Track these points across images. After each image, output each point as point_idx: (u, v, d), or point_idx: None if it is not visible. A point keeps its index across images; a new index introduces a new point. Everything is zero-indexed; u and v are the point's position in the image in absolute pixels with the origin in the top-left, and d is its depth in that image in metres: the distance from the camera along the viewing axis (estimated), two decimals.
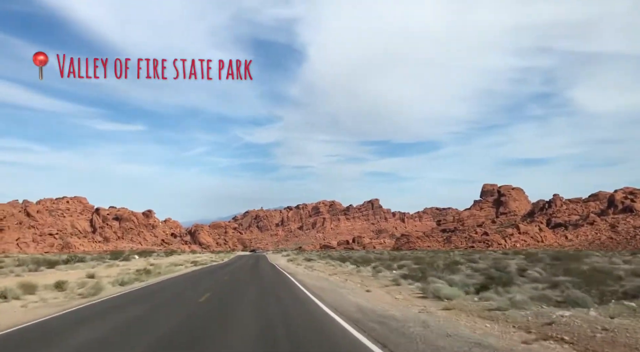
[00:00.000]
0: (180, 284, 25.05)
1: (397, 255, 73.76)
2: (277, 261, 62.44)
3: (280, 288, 20.07)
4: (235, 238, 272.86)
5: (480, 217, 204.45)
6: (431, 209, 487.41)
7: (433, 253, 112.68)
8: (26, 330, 11.48)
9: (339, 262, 53.69)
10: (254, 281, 26.36)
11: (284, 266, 46.05)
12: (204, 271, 39.39)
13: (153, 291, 21.13)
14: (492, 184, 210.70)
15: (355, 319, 11.84)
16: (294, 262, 56.17)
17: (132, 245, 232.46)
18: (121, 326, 11.77)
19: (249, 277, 30.38)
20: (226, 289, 20.34)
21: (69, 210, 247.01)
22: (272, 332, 10.31)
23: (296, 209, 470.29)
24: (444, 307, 13.52)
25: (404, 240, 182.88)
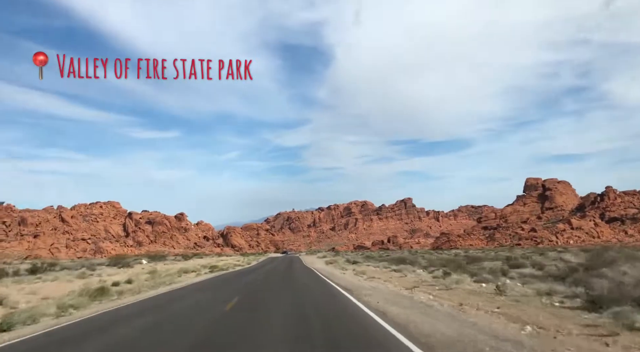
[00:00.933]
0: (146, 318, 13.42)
1: (450, 257, 62.62)
2: (314, 265, 52.35)
3: (350, 336, 9.68)
4: (267, 240, 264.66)
5: (524, 213, 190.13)
6: (466, 206, 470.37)
7: (483, 252, 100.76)
8: None
9: (386, 263, 43.36)
10: (287, 302, 16.20)
11: (326, 272, 35.63)
12: (216, 281, 29.61)
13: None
14: (535, 178, 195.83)
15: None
16: (336, 266, 46.11)
17: (164, 249, 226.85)
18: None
19: (278, 295, 19.09)
20: (231, 329, 10.65)
21: (102, 215, 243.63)
22: None
23: (328, 210, 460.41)
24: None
25: (443, 239, 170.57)
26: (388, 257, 62.37)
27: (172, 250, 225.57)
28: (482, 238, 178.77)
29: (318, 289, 21.86)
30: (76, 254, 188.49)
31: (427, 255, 74.90)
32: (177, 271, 36.43)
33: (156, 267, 45.28)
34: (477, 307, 12.44)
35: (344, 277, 29.76)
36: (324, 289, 22.09)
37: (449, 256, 55.20)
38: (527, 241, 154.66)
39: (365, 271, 35.42)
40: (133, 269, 41.88)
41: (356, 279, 26.94)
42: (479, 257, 53.13)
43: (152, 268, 41.48)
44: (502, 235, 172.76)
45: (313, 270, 41.07)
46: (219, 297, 19.21)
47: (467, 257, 51.94)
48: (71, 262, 61.90)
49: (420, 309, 13.03)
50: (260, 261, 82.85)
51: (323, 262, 59.20)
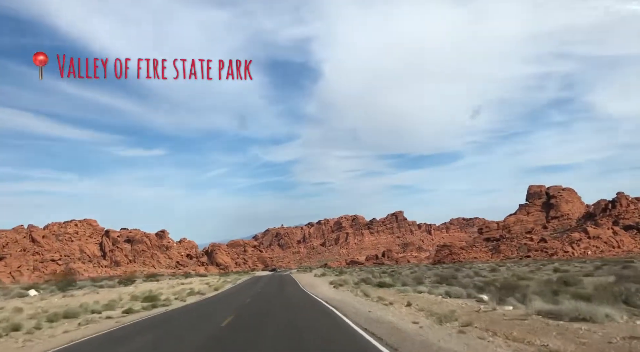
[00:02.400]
0: None
1: (492, 277, 46.77)
2: (315, 289, 36.36)
3: None
4: (255, 257, 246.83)
5: (528, 223, 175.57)
6: (458, 219, 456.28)
7: (495, 265, 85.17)
8: None
9: (422, 285, 27.39)
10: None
11: (348, 308, 19.38)
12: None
13: None
14: (539, 185, 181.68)
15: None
16: (353, 292, 29.73)
17: (144, 269, 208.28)
18: None
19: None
20: None
21: (77, 234, 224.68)
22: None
23: (318, 225, 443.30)
24: None
25: (445, 251, 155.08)
26: (413, 274, 45.75)
27: (152, 270, 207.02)
28: (485, 250, 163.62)
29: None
30: (43, 277, 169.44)
31: (444, 270, 59.03)
32: (61, 312, 20.01)
33: (53, 299, 28.67)
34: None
35: (395, 320, 13.79)
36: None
37: (494, 277, 39.19)
38: (537, 253, 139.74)
39: (393, 301, 19.64)
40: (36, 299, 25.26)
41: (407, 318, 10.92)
42: (522, 275, 37.61)
43: (44, 303, 24.93)
44: (508, 247, 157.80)
45: (320, 301, 25.02)
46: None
47: (516, 276, 36.30)
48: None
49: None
50: (238, 283, 65.14)
51: (326, 284, 42.52)
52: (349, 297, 26.32)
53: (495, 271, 52.08)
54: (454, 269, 62.81)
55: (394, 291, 26.83)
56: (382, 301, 21.36)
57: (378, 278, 41.44)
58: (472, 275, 39.32)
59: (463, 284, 27.12)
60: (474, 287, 23.40)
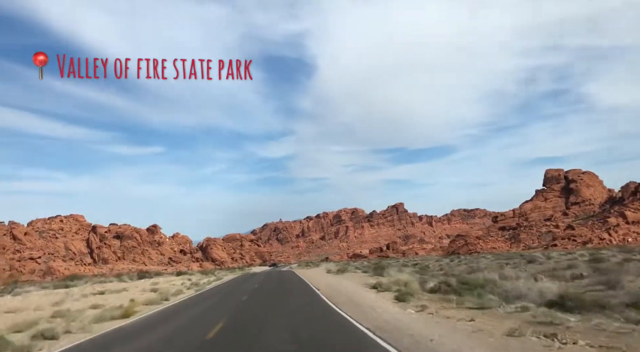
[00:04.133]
0: None
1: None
2: (336, 298, 20.47)
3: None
4: (252, 252, 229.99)
5: (546, 210, 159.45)
6: (458, 210, 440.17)
7: (545, 257, 68.88)
8: None
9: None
10: None
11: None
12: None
13: None
14: (556, 169, 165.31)
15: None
16: (434, 316, 13.09)
17: (133, 266, 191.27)
18: None
19: None
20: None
21: (63, 230, 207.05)
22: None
23: (317, 219, 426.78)
24: None
25: (460, 242, 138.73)
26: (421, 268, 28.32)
27: (143, 267, 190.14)
28: (502, 240, 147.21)
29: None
30: (20, 276, 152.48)
31: (488, 263, 42.64)
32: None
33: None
34: None
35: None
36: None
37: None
38: (564, 241, 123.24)
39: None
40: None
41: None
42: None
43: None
44: (528, 235, 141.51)
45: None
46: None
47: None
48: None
49: None
50: (224, 281, 48.09)
51: (346, 281, 25.64)
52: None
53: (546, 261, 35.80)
54: (477, 260, 46.31)
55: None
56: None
57: (437, 277, 24.42)
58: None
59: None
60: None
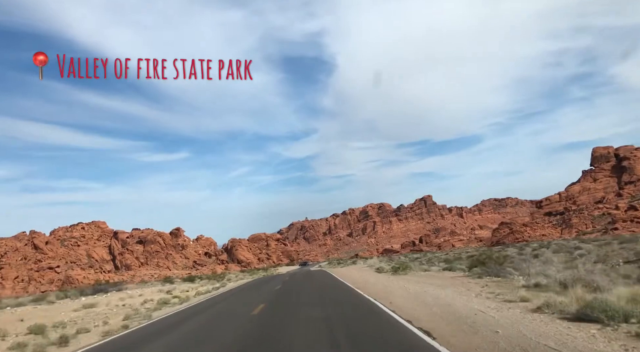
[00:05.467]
0: None
1: None
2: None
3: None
4: (279, 251, 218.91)
5: (597, 191, 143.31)
6: (489, 200, 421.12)
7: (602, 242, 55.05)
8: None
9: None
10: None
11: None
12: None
13: None
14: (605, 147, 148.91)
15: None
16: None
17: (157, 271, 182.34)
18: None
19: None
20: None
21: (84, 237, 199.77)
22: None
23: (343, 215, 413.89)
24: None
25: (504, 230, 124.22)
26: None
27: (167, 272, 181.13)
28: (552, 226, 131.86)
29: None
30: (39, 287, 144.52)
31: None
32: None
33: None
34: None
35: None
36: None
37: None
38: (625, 224, 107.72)
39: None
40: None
41: None
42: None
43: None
44: (580, 220, 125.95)
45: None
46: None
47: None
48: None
49: None
50: (212, 295, 33.41)
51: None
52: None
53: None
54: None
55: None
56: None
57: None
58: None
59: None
60: None
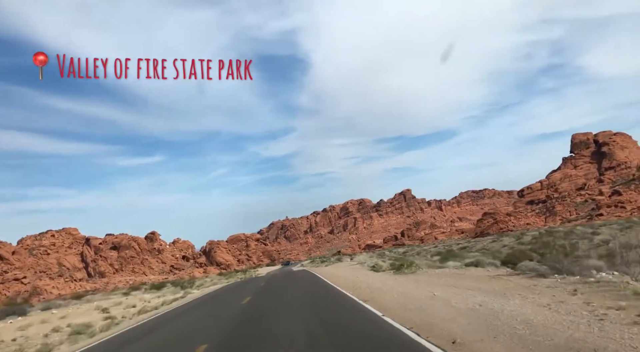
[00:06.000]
0: None
1: None
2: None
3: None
4: (259, 251, 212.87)
5: (578, 178, 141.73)
6: (467, 192, 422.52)
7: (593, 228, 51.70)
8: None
9: None
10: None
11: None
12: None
13: None
14: (584, 133, 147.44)
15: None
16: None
17: (132, 278, 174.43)
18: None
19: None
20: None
21: (55, 245, 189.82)
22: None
23: (324, 213, 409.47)
24: None
25: (488, 220, 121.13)
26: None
27: (143, 278, 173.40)
28: (535, 214, 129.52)
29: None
30: (2, 300, 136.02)
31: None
32: None
33: None
34: None
35: None
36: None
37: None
38: (610, 209, 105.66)
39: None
40: None
41: None
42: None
43: None
44: (564, 207, 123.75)
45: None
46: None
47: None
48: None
49: None
50: (191, 300, 28.68)
51: None
52: None
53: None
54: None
55: None
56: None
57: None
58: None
59: None
60: None
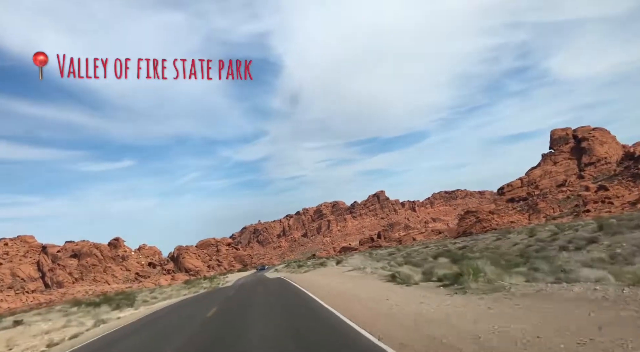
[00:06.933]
0: None
1: None
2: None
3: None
4: (230, 256, 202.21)
5: (558, 174, 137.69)
6: (440, 193, 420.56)
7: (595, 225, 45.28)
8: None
9: None
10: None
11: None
12: None
13: None
14: (563, 129, 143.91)
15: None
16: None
17: (92, 287, 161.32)
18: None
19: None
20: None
21: (8, 254, 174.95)
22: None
23: (297, 216, 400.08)
24: None
25: (470, 219, 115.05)
26: None
27: (105, 288, 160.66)
28: (514, 213, 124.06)
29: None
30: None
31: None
32: None
33: None
34: None
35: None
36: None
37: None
38: (597, 205, 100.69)
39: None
40: None
41: None
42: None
43: None
44: (548, 204, 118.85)
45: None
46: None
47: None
48: None
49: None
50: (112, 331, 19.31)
51: None
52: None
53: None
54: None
55: None
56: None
57: None
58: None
59: None
60: None
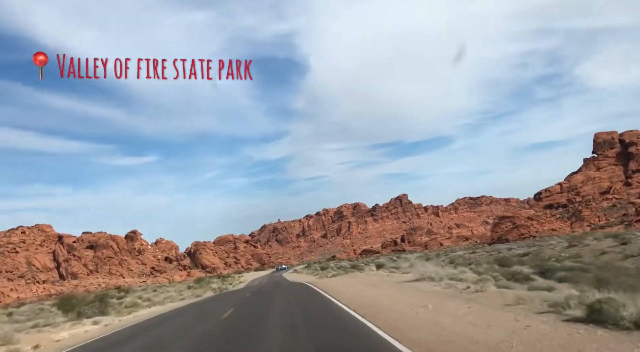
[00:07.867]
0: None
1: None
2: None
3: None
4: (248, 254, 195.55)
5: (602, 181, 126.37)
6: (464, 199, 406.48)
7: None
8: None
9: None
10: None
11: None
12: None
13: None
14: (609, 132, 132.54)
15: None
16: None
17: (107, 280, 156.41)
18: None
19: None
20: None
21: (25, 243, 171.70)
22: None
23: (317, 216, 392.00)
24: None
25: (507, 225, 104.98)
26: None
27: (119, 281, 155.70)
28: (553, 220, 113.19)
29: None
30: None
31: None
32: None
33: None
34: None
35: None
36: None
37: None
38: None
39: None
40: None
41: None
42: None
43: None
44: (592, 212, 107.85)
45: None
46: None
47: None
48: None
49: None
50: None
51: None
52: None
53: None
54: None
55: None
56: None
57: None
58: None
59: None
60: None
